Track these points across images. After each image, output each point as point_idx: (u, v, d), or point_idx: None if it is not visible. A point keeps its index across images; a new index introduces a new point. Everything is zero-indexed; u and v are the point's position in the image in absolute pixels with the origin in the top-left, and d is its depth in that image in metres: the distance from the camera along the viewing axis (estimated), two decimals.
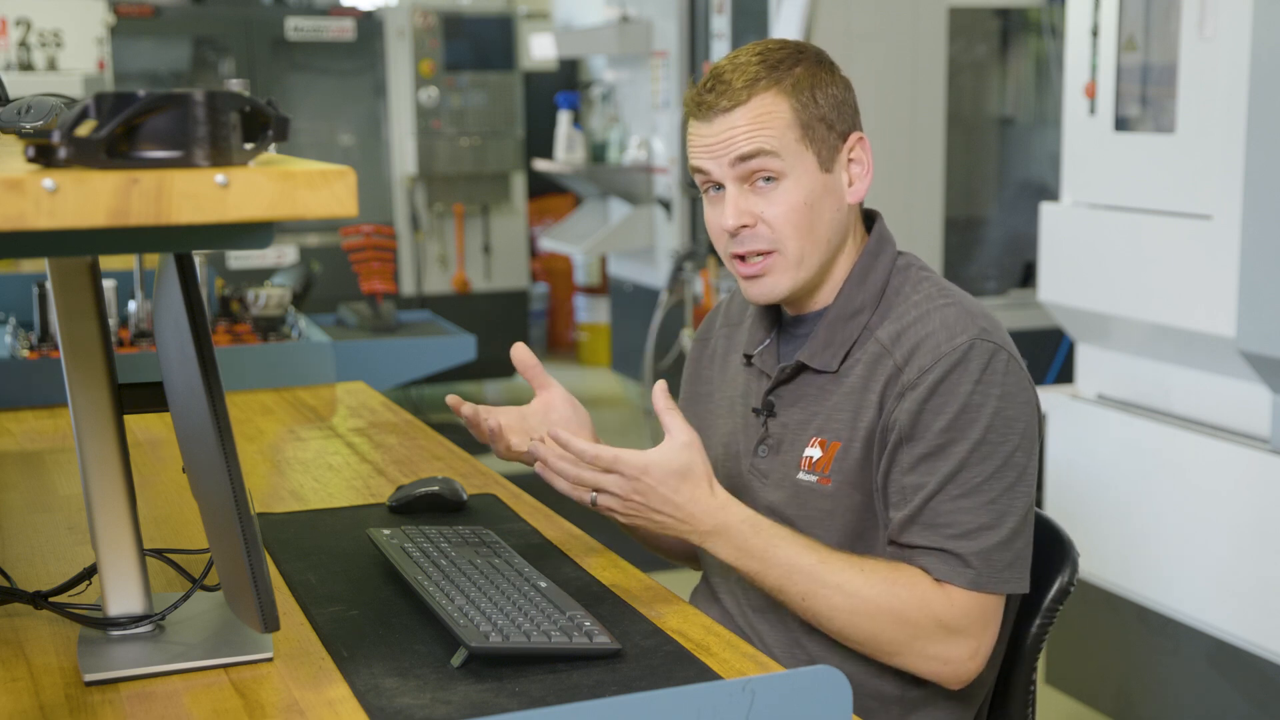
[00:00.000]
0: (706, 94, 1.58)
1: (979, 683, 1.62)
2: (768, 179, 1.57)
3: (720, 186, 1.60)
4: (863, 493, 1.58)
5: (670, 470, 1.47)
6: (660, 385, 1.50)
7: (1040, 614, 1.66)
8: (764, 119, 1.55)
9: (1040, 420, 1.59)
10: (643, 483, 1.47)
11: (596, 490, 1.49)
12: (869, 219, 1.68)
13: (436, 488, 1.88)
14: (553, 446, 1.50)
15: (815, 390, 1.62)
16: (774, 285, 1.60)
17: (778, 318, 1.72)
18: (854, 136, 1.61)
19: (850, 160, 1.62)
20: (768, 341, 1.70)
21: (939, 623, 1.50)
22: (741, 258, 1.60)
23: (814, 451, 1.60)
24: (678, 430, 1.49)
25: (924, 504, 1.51)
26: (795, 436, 1.63)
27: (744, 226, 1.58)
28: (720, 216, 1.59)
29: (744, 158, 1.56)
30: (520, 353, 1.73)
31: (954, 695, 1.61)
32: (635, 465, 1.46)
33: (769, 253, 1.59)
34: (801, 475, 1.61)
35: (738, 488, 1.65)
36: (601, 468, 1.47)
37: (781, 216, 1.57)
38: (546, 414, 1.75)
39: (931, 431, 1.52)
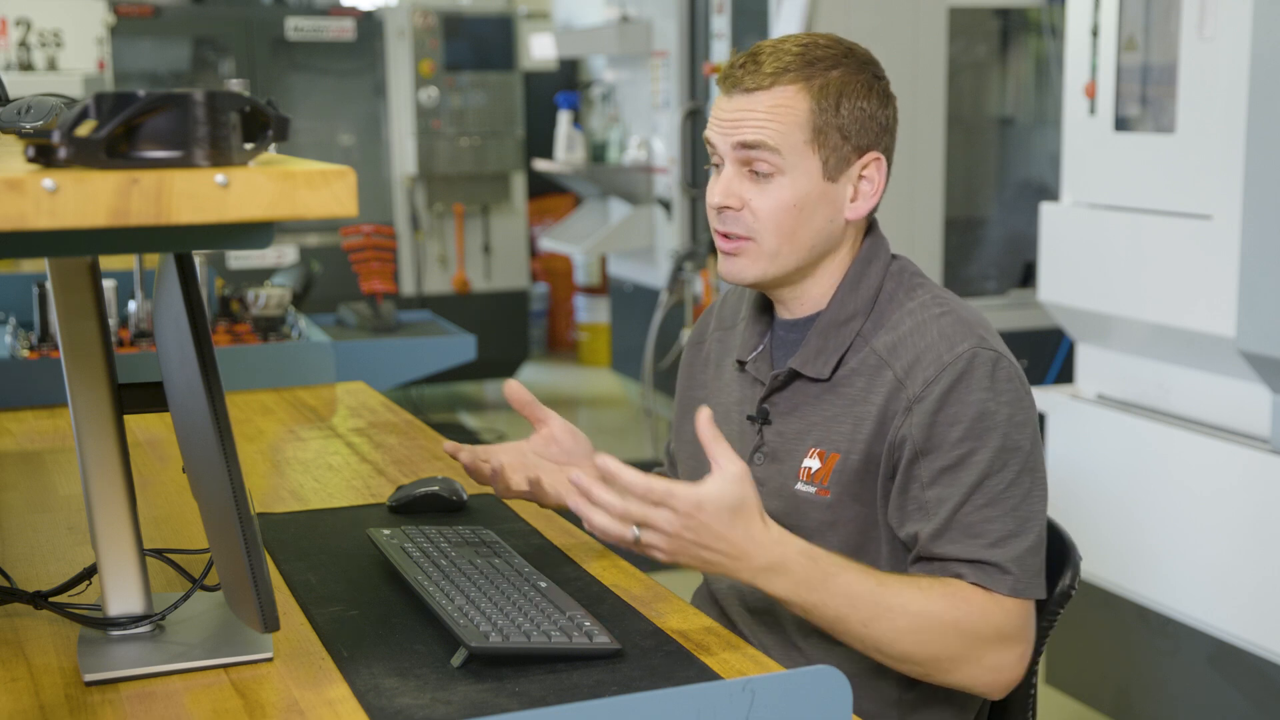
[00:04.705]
0: (737, 69, 1.58)
1: None
2: (764, 171, 1.57)
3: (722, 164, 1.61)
4: (862, 504, 1.57)
5: (724, 505, 1.37)
6: (705, 413, 1.40)
7: (1042, 616, 1.66)
8: (777, 112, 1.55)
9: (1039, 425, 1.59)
10: (695, 519, 1.36)
11: (642, 526, 1.38)
12: (867, 224, 1.68)
13: (436, 488, 1.88)
14: (591, 479, 1.38)
15: (810, 399, 1.61)
16: (743, 269, 1.60)
17: (771, 323, 1.71)
18: (871, 154, 1.59)
19: (861, 177, 1.60)
20: (761, 347, 1.69)
21: (998, 632, 1.49)
22: (723, 235, 1.61)
23: (812, 463, 1.59)
24: (727, 462, 1.38)
25: (952, 515, 1.50)
26: (792, 446, 1.62)
27: (728, 207, 1.58)
28: (712, 193, 1.61)
29: (745, 145, 1.56)
30: (514, 390, 1.68)
31: (953, 696, 1.61)
32: (689, 500, 1.36)
33: (746, 238, 1.59)
34: (800, 486, 1.60)
35: None
36: (652, 502, 1.36)
37: (766, 211, 1.57)
38: (547, 447, 1.73)
39: (948, 443, 1.51)
